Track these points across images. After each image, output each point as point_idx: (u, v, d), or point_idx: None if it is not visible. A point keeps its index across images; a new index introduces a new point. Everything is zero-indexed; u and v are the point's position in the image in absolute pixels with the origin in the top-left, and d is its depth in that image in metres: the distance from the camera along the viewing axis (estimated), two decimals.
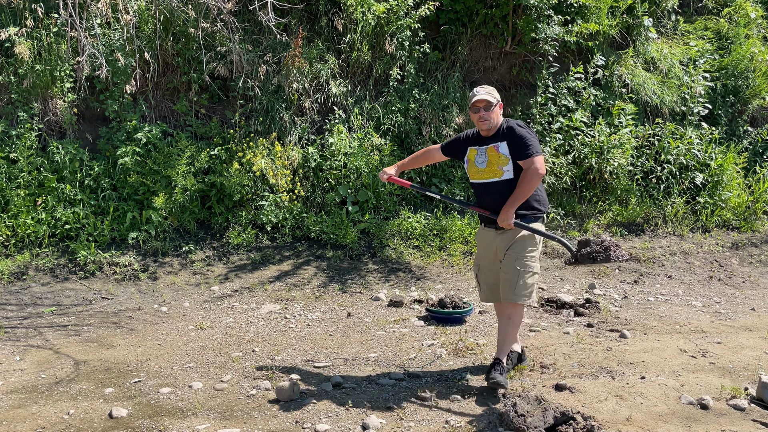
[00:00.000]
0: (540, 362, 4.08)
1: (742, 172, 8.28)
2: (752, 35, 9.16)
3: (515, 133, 3.57)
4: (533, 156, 3.50)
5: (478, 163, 3.69)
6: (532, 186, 3.50)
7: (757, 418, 3.39)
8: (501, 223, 3.55)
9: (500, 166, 3.60)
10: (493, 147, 3.63)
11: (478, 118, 3.63)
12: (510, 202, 3.53)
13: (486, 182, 3.67)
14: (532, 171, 3.49)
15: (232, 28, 6.41)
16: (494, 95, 3.65)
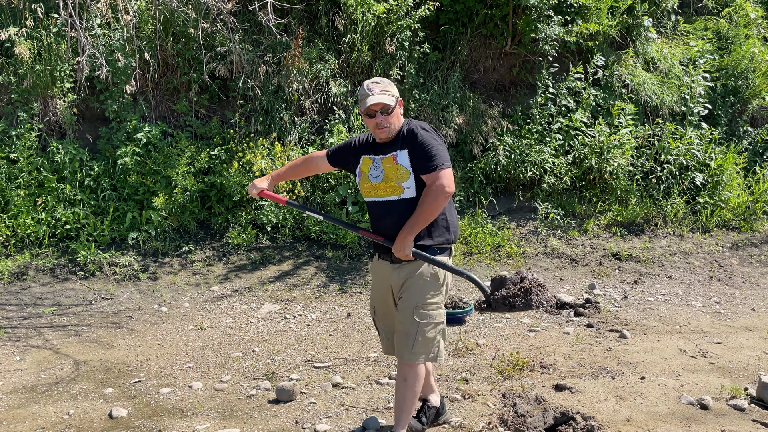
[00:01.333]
0: (540, 362, 4.08)
1: (742, 172, 8.29)
2: (752, 35, 9.17)
3: (417, 139, 2.79)
4: (439, 169, 2.72)
5: (372, 176, 2.90)
6: (435, 207, 2.72)
7: (757, 418, 3.39)
8: (396, 252, 2.79)
9: (399, 181, 2.82)
10: (391, 157, 2.85)
11: (374, 125, 2.85)
12: (408, 226, 2.76)
13: (381, 201, 2.89)
14: (437, 188, 2.70)
15: (232, 28, 6.41)
16: (393, 92, 2.86)
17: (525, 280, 2.77)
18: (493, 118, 7.63)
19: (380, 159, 2.89)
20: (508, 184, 7.51)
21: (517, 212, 7.39)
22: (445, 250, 2.93)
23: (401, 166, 2.82)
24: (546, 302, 2.72)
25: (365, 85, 2.85)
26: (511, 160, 7.28)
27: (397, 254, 2.80)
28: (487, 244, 6.60)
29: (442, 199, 2.71)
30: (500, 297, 2.76)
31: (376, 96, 2.80)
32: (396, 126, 2.87)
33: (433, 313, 2.86)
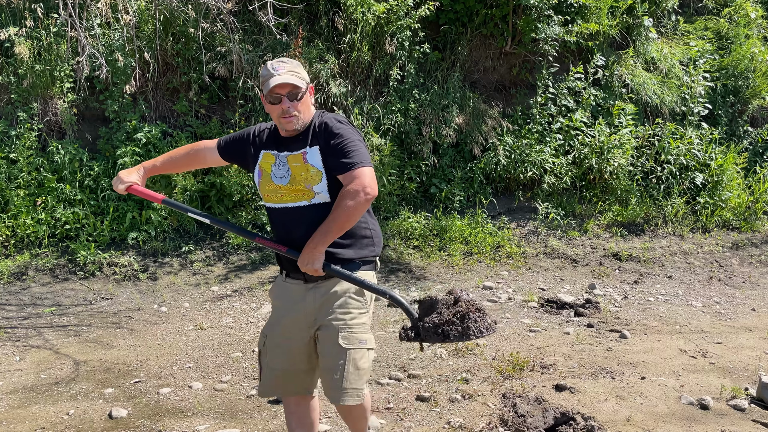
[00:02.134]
0: (540, 362, 4.07)
1: (742, 172, 8.29)
2: (752, 35, 9.17)
3: (332, 132, 2.35)
4: (357, 167, 2.27)
5: (276, 177, 2.41)
6: (353, 212, 2.25)
7: (757, 418, 3.39)
8: (303, 266, 2.30)
9: (309, 184, 2.36)
10: (300, 155, 2.37)
11: (279, 113, 2.36)
12: (318, 235, 2.28)
13: (288, 207, 2.40)
14: (354, 190, 2.24)
15: (232, 28, 6.41)
16: (302, 75, 2.39)
17: (460, 303, 2.23)
18: (493, 118, 7.63)
19: (286, 156, 2.40)
20: (508, 184, 7.51)
21: (517, 212, 7.38)
22: (370, 263, 2.48)
23: (312, 166, 2.35)
24: (486, 330, 2.17)
25: (269, 65, 2.36)
26: (511, 160, 7.28)
27: (303, 268, 2.30)
28: (487, 244, 6.60)
29: (361, 203, 2.24)
30: (431, 325, 2.20)
31: (283, 77, 2.32)
32: (306, 117, 2.40)
33: (363, 337, 2.39)
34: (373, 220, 2.53)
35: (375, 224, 2.54)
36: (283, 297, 2.50)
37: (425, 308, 2.31)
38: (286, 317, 2.46)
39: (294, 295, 2.46)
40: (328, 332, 2.37)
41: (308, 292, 2.43)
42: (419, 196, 7.18)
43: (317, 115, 2.45)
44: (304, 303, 2.43)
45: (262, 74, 2.39)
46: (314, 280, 2.42)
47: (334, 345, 2.35)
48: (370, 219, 2.51)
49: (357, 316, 2.41)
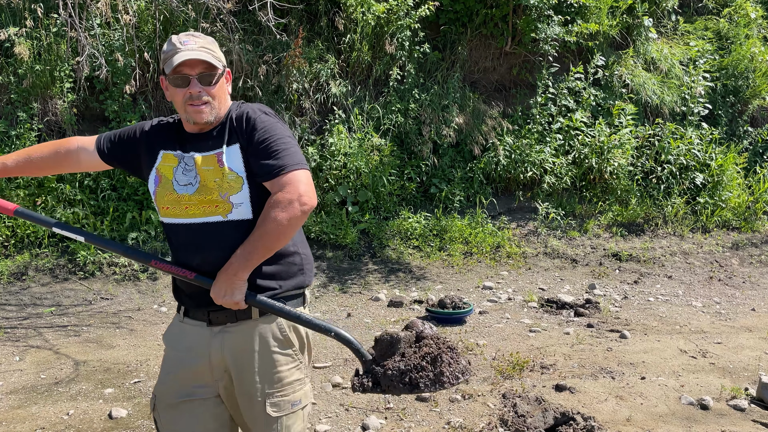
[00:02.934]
0: (540, 363, 4.07)
1: (743, 172, 8.29)
2: (752, 35, 9.17)
3: (255, 125, 1.83)
4: (289, 170, 1.75)
5: (179, 184, 1.86)
6: (285, 229, 1.72)
7: (757, 418, 3.39)
8: (219, 298, 1.76)
9: (226, 192, 1.81)
10: (214, 156, 1.84)
11: (186, 99, 1.82)
12: (240, 258, 1.75)
13: (195, 223, 1.85)
14: (287, 199, 1.71)
15: (232, 28, 6.41)
16: (218, 54, 1.87)
17: (426, 341, 1.77)
18: (493, 118, 7.63)
19: (193, 157, 1.85)
20: (508, 184, 7.51)
21: (518, 212, 7.38)
22: (297, 297, 1.95)
23: (230, 171, 1.81)
24: (462, 375, 1.73)
25: (174, 39, 1.84)
26: (512, 160, 7.28)
27: (218, 300, 1.75)
28: (487, 244, 6.60)
29: (295, 216, 1.70)
30: (396, 372, 1.71)
31: (193, 52, 1.78)
32: (222, 107, 1.87)
33: (297, 396, 1.92)
34: (303, 241, 1.99)
35: (306, 247, 2.00)
36: (179, 343, 1.92)
37: (383, 348, 1.77)
38: (183, 369, 1.89)
39: (193, 341, 1.89)
40: (251, 401, 1.86)
41: (214, 338, 1.86)
42: (419, 196, 7.18)
43: (235, 105, 1.91)
44: (207, 352, 1.86)
45: (165, 50, 1.83)
46: (222, 323, 1.86)
47: (261, 414, 1.86)
48: (300, 239, 1.97)
49: (287, 374, 1.89)
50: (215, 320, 1.88)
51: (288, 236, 1.75)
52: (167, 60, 1.82)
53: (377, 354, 1.79)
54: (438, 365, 1.72)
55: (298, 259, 1.95)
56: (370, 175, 6.72)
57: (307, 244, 2.04)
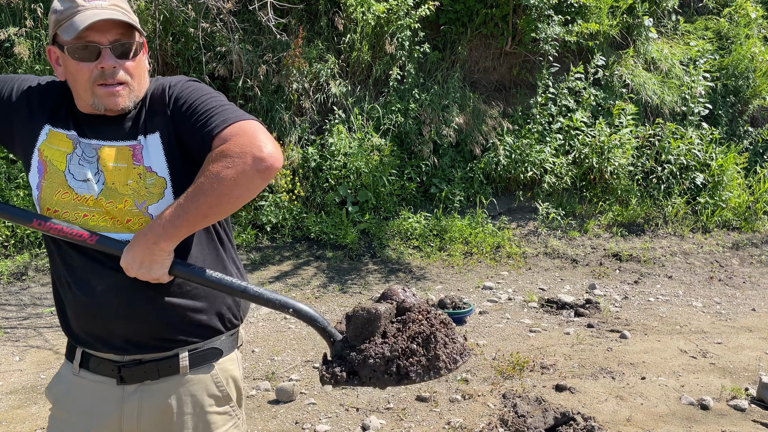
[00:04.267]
0: (540, 363, 4.07)
1: (743, 172, 8.28)
2: (752, 35, 9.17)
3: (178, 94, 1.39)
4: (236, 121, 1.30)
5: (76, 179, 1.37)
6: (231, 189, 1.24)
7: (757, 418, 3.39)
8: (131, 268, 1.31)
9: (143, 201, 1.37)
10: (129, 149, 1.38)
11: (92, 77, 1.33)
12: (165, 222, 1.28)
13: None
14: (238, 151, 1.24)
15: (232, 28, 6.41)
16: (132, 15, 1.38)
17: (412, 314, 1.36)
18: (493, 118, 7.63)
19: (97, 148, 1.37)
20: (508, 184, 7.51)
21: (518, 212, 7.38)
22: (230, 336, 1.54)
23: (148, 171, 1.36)
24: (461, 356, 1.34)
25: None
26: (512, 160, 7.28)
27: (131, 272, 1.30)
28: (488, 244, 6.60)
29: (246, 174, 1.23)
30: (379, 358, 1.30)
31: (104, 11, 1.30)
32: (141, 89, 1.40)
33: None
34: (237, 264, 1.55)
35: (239, 265, 1.57)
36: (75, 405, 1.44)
37: (358, 326, 1.34)
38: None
39: (94, 405, 1.42)
40: None
41: (128, 400, 1.41)
42: (419, 196, 7.18)
43: (153, 82, 1.44)
44: (116, 419, 1.42)
45: (58, 8, 1.33)
46: (139, 379, 1.40)
47: None
48: (231, 256, 1.53)
49: None
50: (129, 377, 1.39)
51: (234, 202, 1.25)
52: (63, 22, 1.30)
53: (351, 334, 1.35)
54: (432, 347, 1.31)
55: (235, 272, 1.52)
56: (370, 175, 6.72)
57: (240, 263, 1.58)
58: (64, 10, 1.31)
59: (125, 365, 1.41)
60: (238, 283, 1.35)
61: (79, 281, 1.39)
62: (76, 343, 1.47)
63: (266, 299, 1.38)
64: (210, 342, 1.48)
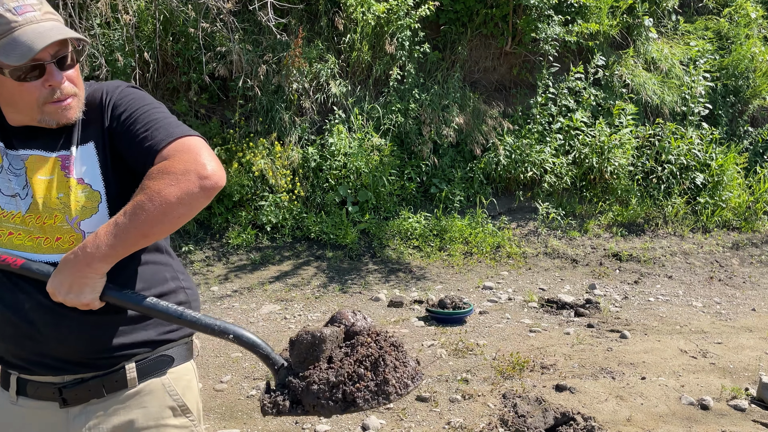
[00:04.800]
0: (540, 363, 4.07)
1: (743, 172, 8.28)
2: (753, 35, 9.16)
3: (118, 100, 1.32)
4: (179, 137, 1.24)
5: (2, 195, 1.28)
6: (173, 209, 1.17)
7: (757, 418, 3.38)
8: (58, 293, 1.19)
9: (75, 217, 1.27)
10: (58, 160, 1.29)
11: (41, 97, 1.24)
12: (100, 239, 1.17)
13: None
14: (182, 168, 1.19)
15: (232, 28, 6.40)
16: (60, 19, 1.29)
17: (361, 337, 1.29)
18: (493, 118, 7.63)
19: (24, 158, 1.29)
20: (508, 184, 7.50)
21: (518, 212, 7.38)
22: (182, 347, 1.48)
23: (82, 184, 1.27)
24: (412, 381, 1.27)
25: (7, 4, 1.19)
26: (512, 160, 7.28)
27: (58, 297, 1.19)
28: (488, 244, 6.59)
29: (191, 193, 1.17)
30: (323, 384, 1.23)
31: (44, 24, 1.21)
32: (83, 93, 1.33)
33: None
34: (184, 271, 1.50)
35: (189, 279, 1.52)
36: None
37: (302, 351, 1.26)
38: None
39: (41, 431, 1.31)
40: None
41: (73, 422, 1.30)
42: (419, 196, 7.18)
43: (86, 88, 1.35)
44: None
45: None
46: (84, 399, 1.29)
47: None
48: (180, 268, 1.48)
49: None
50: (72, 398, 1.27)
51: (176, 221, 1.18)
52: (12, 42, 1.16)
53: (295, 360, 1.27)
54: (380, 371, 1.23)
55: (182, 295, 1.45)
56: (370, 175, 6.72)
57: (189, 275, 1.51)
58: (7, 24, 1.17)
59: (66, 386, 1.28)
60: (174, 308, 1.24)
61: (3, 299, 1.26)
62: (7, 368, 1.33)
63: (203, 325, 1.25)
64: (159, 350, 1.37)
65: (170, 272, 1.43)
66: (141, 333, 1.34)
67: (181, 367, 1.43)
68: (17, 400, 1.32)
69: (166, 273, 1.41)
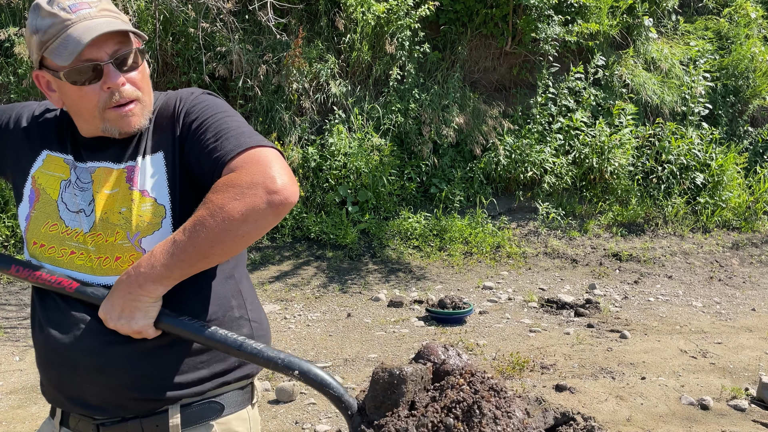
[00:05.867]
0: (540, 363, 4.07)
1: (743, 172, 8.28)
2: (752, 35, 9.16)
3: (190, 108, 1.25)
4: (250, 147, 1.12)
5: (68, 211, 1.20)
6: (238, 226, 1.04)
7: (757, 418, 3.38)
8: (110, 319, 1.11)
9: (136, 234, 1.16)
10: (123, 172, 1.20)
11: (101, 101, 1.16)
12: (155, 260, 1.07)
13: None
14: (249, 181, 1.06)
15: (232, 28, 6.40)
16: (123, 17, 1.25)
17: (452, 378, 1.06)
18: (493, 118, 7.63)
19: (92, 170, 1.22)
20: (508, 184, 7.50)
21: (518, 212, 7.38)
22: (243, 389, 1.30)
23: (144, 196, 1.18)
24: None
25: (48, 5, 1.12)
26: (512, 160, 7.28)
27: (110, 323, 1.12)
28: (488, 244, 6.60)
29: (257, 209, 1.06)
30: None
31: (97, 21, 1.14)
32: (151, 100, 1.28)
33: None
34: (255, 300, 1.34)
35: (259, 309, 1.34)
36: None
37: (378, 393, 1.03)
38: None
39: None
40: None
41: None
42: (419, 196, 7.18)
43: (159, 97, 1.33)
44: None
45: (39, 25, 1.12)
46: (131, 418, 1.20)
47: None
48: (251, 296, 1.32)
49: None
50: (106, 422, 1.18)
51: (240, 241, 1.06)
52: (50, 43, 1.10)
53: (369, 405, 1.04)
54: (475, 422, 0.98)
55: (247, 329, 1.26)
56: (370, 175, 6.72)
57: (261, 306, 1.34)
58: (48, 28, 1.11)
59: (105, 423, 1.19)
60: (233, 338, 1.10)
61: (52, 322, 1.16)
62: (48, 401, 1.26)
63: (266, 358, 1.09)
64: (209, 395, 1.23)
65: (237, 300, 1.26)
66: (192, 373, 1.19)
67: (233, 416, 1.25)
68: (59, 430, 1.25)
69: (232, 301, 1.25)
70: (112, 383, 1.15)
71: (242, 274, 1.32)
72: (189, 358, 1.18)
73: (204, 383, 1.20)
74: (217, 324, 1.19)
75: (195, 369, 1.19)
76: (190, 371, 1.19)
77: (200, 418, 1.21)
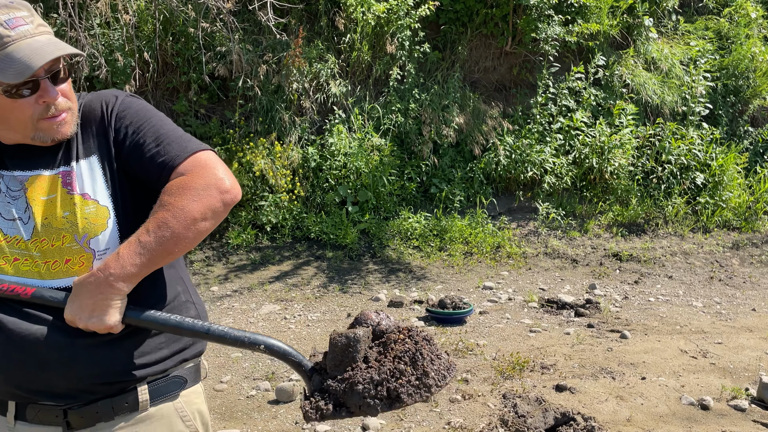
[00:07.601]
0: (540, 363, 4.07)
1: (743, 172, 8.28)
2: (753, 35, 9.16)
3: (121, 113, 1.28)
4: (195, 151, 1.25)
5: (3, 219, 1.21)
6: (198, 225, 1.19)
7: (757, 418, 3.38)
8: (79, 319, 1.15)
9: (84, 235, 1.21)
10: (58, 178, 1.23)
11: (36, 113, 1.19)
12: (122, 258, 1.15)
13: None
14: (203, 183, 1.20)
15: (232, 28, 6.40)
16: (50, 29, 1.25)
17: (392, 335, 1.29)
18: (493, 118, 7.62)
19: (23, 179, 1.23)
20: (508, 184, 7.50)
21: (518, 212, 7.38)
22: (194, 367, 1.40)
23: (85, 199, 1.22)
24: (448, 372, 1.28)
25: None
26: (512, 160, 7.27)
27: (80, 323, 1.15)
28: (488, 244, 6.59)
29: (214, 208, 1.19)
30: (368, 384, 1.21)
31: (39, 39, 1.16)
32: (77, 106, 1.28)
33: None
34: (192, 287, 1.42)
35: (197, 293, 1.44)
36: None
37: (338, 353, 1.25)
38: None
39: None
40: None
41: None
42: (419, 196, 7.18)
43: (80, 99, 1.31)
44: None
45: None
46: (89, 423, 1.22)
47: None
48: (190, 283, 1.41)
49: None
50: (77, 422, 1.21)
51: (199, 236, 1.18)
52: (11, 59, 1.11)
53: (330, 364, 1.25)
54: (419, 365, 1.26)
55: (193, 310, 1.36)
56: (370, 175, 6.72)
57: (196, 290, 1.46)
58: None
59: (72, 407, 1.22)
60: (200, 324, 1.20)
61: (14, 330, 1.16)
62: (6, 399, 1.25)
63: (233, 338, 1.21)
64: (173, 370, 1.33)
65: (181, 286, 1.38)
66: (155, 353, 1.29)
67: (192, 389, 1.38)
68: (15, 425, 1.23)
69: (177, 287, 1.36)
70: (81, 374, 1.21)
71: (179, 262, 1.41)
72: (150, 340, 1.28)
73: (165, 361, 1.31)
74: (170, 310, 1.30)
75: (157, 350, 1.30)
76: (153, 352, 1.29)
77: (167, 391, 1.32)
